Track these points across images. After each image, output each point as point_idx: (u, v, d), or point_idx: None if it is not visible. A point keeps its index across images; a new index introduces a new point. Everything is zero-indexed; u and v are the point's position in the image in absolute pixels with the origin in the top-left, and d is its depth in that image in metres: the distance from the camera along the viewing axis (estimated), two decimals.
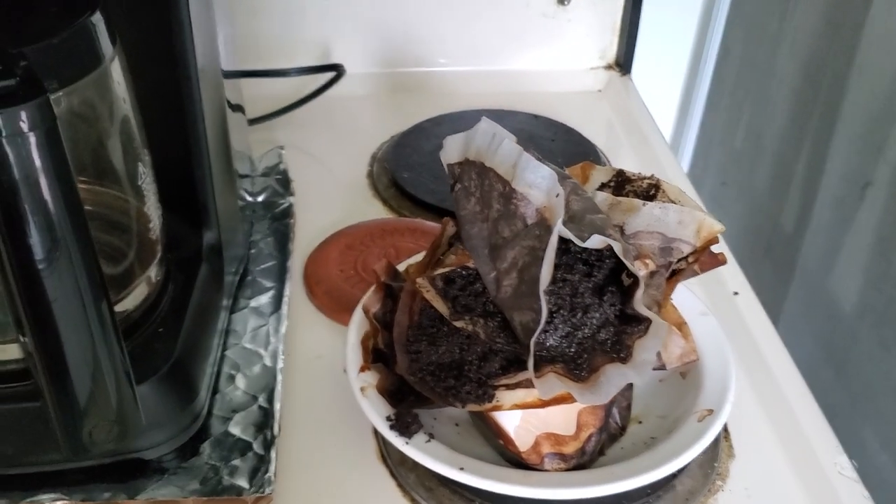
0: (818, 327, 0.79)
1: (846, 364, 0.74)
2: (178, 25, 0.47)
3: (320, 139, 0.80)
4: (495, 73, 0.88)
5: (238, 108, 0.63)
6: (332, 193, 0.72)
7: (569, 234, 0.40)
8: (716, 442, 0.50)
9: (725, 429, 0.51)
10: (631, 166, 0.78)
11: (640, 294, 0.40)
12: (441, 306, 0.44)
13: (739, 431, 0.51)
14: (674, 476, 0.47)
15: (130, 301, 0.46)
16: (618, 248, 0.40)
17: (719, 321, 0.58)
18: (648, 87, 0.95)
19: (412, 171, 0.73)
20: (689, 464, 0.48)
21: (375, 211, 0.70)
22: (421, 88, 0.88)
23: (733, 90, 0.98)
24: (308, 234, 0.66)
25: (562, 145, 0.78)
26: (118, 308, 0.46)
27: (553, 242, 0.40)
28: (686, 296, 0.53)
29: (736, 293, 0.61)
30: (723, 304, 0.60)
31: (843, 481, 0.47)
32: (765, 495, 0.47)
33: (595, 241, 0.40)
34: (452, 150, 0.48)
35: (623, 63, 0.89)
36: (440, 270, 0.46)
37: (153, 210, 0.47)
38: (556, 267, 0.42)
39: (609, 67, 0.90)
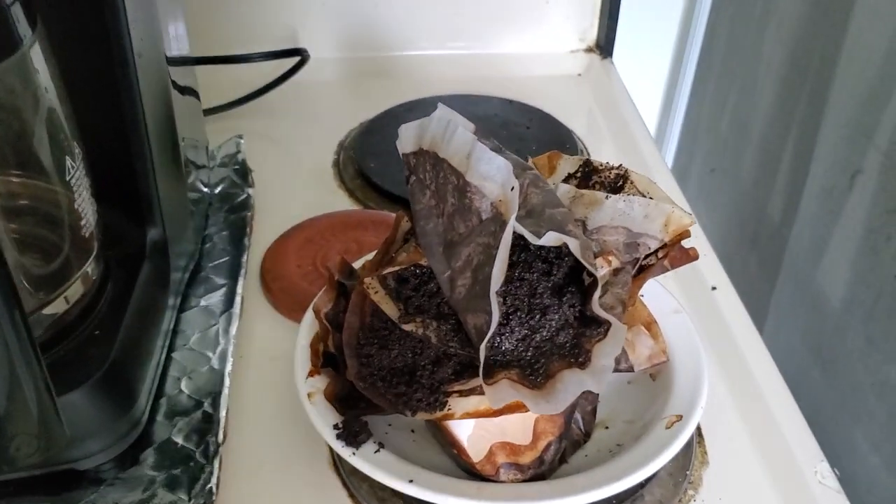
0: (805, 322, 0.77)
1: (834, 361, 0.72)
2: (111, 7, 0.44)
3: (285, 127, 0.76)
4: (470, 57, 0.85)
5: (190, 96, 0.59)
6: (295, 184, 0.69)
7: (523, 231, 0.37)
8: (688, 448, 0.47)
9: (699, 434, 0.48)
10: (610, 154, 0.75)
11: (597, 295, 0.37)
12: (390, 308, 0.42)
13: (714, 436, 0.48)
14: (641, 485, 0.44)
15: (63, 302, 0.43)
16: (574, 245, 0.37)
17: (695, 318, 0.55)
18: (633, 72, 0.92)
19: (379, 160, 0.70)
20: (658, 472, 0.45)
21: (340, 202, 0.67)
22: (392, 73, 0.85)
23: (720, 75, 0.95)
24: (268, 227, 0.63)
25: (537, 132, 0.75)
26: (49, 309, 0.43)
27: (506, 240, 0.37)
28: (658, 292, 0.50)
29: (714, 288, 0.58)
30: (700, 300, 0.57)
31: (824, 491, 0.45)
32: None
33: (550, 239, 0.37)
34: (407, 138, 0.45)
35: (604, 46, 0.86)
36: (390, 269, 0.43)
37: (86, 206, 0.44)
38: (514, 265, 0.40)
39: (589, 50, 0.87)
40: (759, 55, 0.85)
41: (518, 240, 0.38)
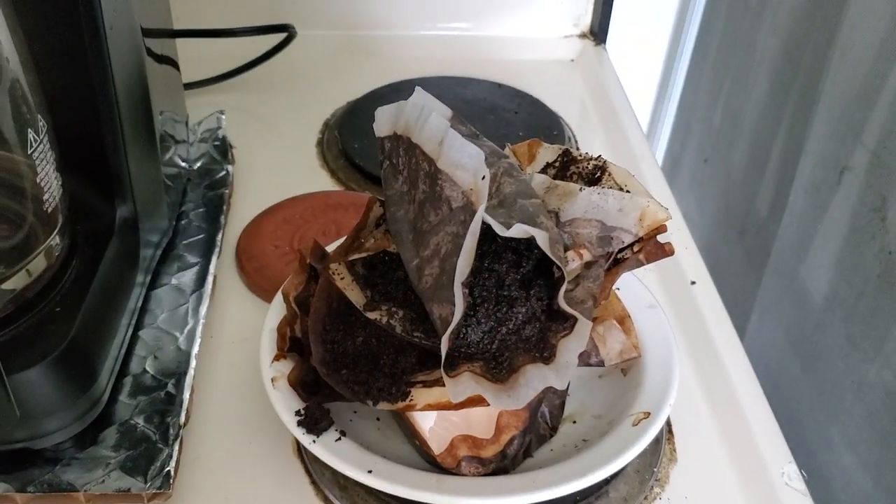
0: (788, 318, 0.76)
1: (814, 358, 0.71)
2: None
3: (270, 104, 0.75)
4: (462, 39, 0.84)
5: (169, 69, 0.58)
6: (276, 163, 0.68)
7: (491, 221, 0.37)
8: (657, 445, 0.46)
9: (670, 430, 0.48)
10: (599, 142, 0.74)
11: (563, 290, 0.36)
12: (356, 295, 0.41)
13: (684, 434, 0.47)
14: (607, 481, 0.44)
15: (25, 276, 0.43)
16: (541, 238, 0.36)
17: (672, 313, 0.55)
18: (628, 59, 0.91)
19: (364, 142, 0.69)
20: (625, 468, 0.45)
21: (321, 183, 0.66)
22: (382, 53, 0.83)
23: (714, 65, 0.94)
24: (247, 205, 0.62)
25: (525, 117, 0.74)
26: (9, 284, 0.42)
27: (474, 230, 0.36)
28: (634, 286, 0.49)
29: (693, 283, 0.58)
30: (678, 295, 0.57)
31: (790, 493, 0.44)
32: None
33: (518, 231, 0.36)
34: (383, 122, 0.44)
35: (598, 32, 0.85)
36: (357, 255, 0.42)
37: (51, 180, 0.43)
38: (483, 255, 0.39)
39: (583, 36, 0.86)
40: (753, 46, 0.84)
41: (489, 230, 0.38)
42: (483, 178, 0.38)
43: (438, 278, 0.38)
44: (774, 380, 0.77)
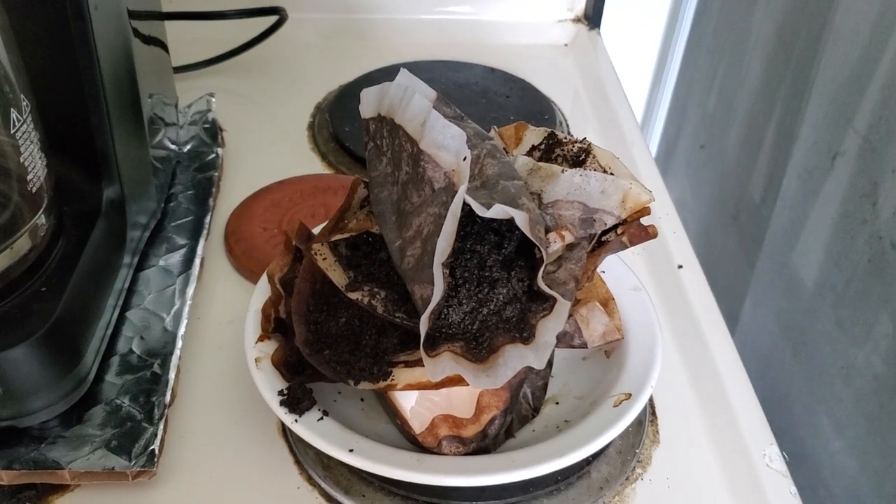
0: (780, 303, 0.76)
1: (804, 343, 0.71)
2: None
3: (261, 88, 0.75)
4: (455, 23, 0.84)
5: (157, 52, 0.58)
6: (267, 146, 0.68)
7: (472, 202, 0.37)
8: (639, 426, 0.47)
9: (653, 412, 0.48)
10: (590, 128, 0.74)
11: (542, 271, 0.36)
12: (337, 276, 0.41)
13: (667, 416, 0.48)
14: (588, 462, 0.44)
15: (8, 256, 0.43)
16: (520, 219, 0.36)
17: (658, 297, 0.55)
18: (623, 43, 0.90)
19: (355, 125, 0.69)
20: (607, 449, 0.45)
21: (312, 166, 0.66)
22: (374, 36, 0.83)
23: (710, 49, 0.93)
24: (236, 188, 0.62)
25: (517, 102, 0.74)
26: None
27: (454, 211, 0.36)
28: (619, 268, 0.49)
29: (680, 266, 0.58)
30: (665, 278, 0.57)
31: (771, 475, 0.44)
32: (685, 486, 0.44)
33: (497, 211, 0.36)
34: (368, 103, 0.45)
35: (592, 16, 0.84)
36: (339, 236, 0.42)
37: (35, 160, 0.43)
38: (466, 236, 0.39)
39: (577, 20, 0.86)
40: (748, 30, 0.84)
41: (472, 211, 0.38)
42: (465, 158, 0.38)
43: (420, 259, 0.38)
44: (765, 366, 0.77)
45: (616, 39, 0.88)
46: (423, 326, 0.36)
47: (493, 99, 0.73)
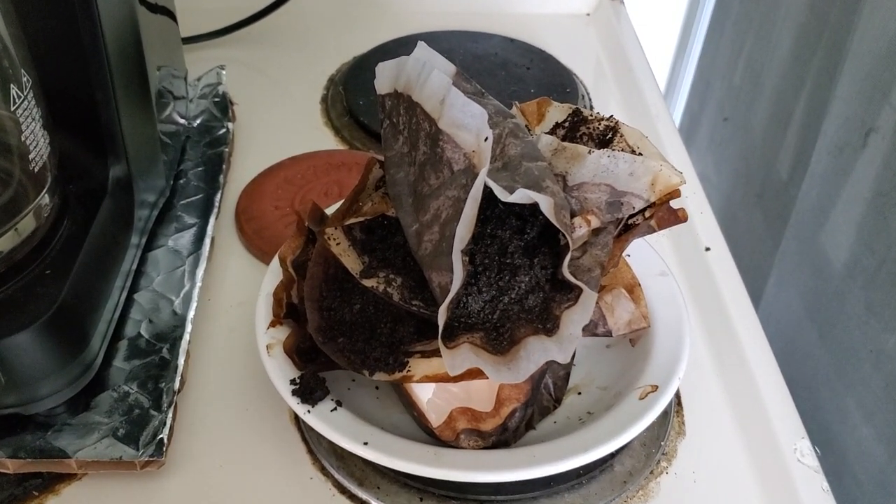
0: (806, 284, 0.74)
1: (832, 326, 0.69)
2: None
3: (273, 59, 0.73)
4: None
5: (165, 23, 0.56)
6: (279, 120, 0.66)
7: (493, 185, 0.35)
8: (665, 418, 0.45)
9: (679, 403, 0.46)
10: (613, 101, 0.71)
11: (567, 259, 0.34)
12: (351, 261, 0.39)
13: (694, 406, 0.46)
14: (612, 455, 0.42)
15: (12, 237, 0.41)
16: (545, 205, 0.34)
17: (685, 281, 0.53)
18: (647, 13, 0.87)
19: (369, 99, 0.67)
20: (630, 441, 0.43)
21: (325, 141, 0.64)
22: (391, 5, 0.81)
23: (737, 19, 0.90)
24: (248, 164, 0.60)
25: (537, 74, 0.71)
26: None
27: (475, 195, 0.34)
28: (646, 252, 0.47)
29: (708, 249, 0.56)
30: (692, 261, 0.55)
31: (802, 470, 0.42)
32: (712, 481, 0.42)
33: (520, 196, 0.34)
34: (384, 79, 0.42)
35: None
36: (354, 220, 0.40)
37: (37, 138, 0.41)
38: (486, 221, 0.37)
39: None
40: (777, 1, 0.80)
41: (492, 193, 0.36)
42: (486, 139, 0.36)
43: (438, 244, 0.36)
44: (790, 348, 0.75)
45: (639, 8, 0.85)
46: (441, 318, 0.34)
47: (512, 71, 0.71)
